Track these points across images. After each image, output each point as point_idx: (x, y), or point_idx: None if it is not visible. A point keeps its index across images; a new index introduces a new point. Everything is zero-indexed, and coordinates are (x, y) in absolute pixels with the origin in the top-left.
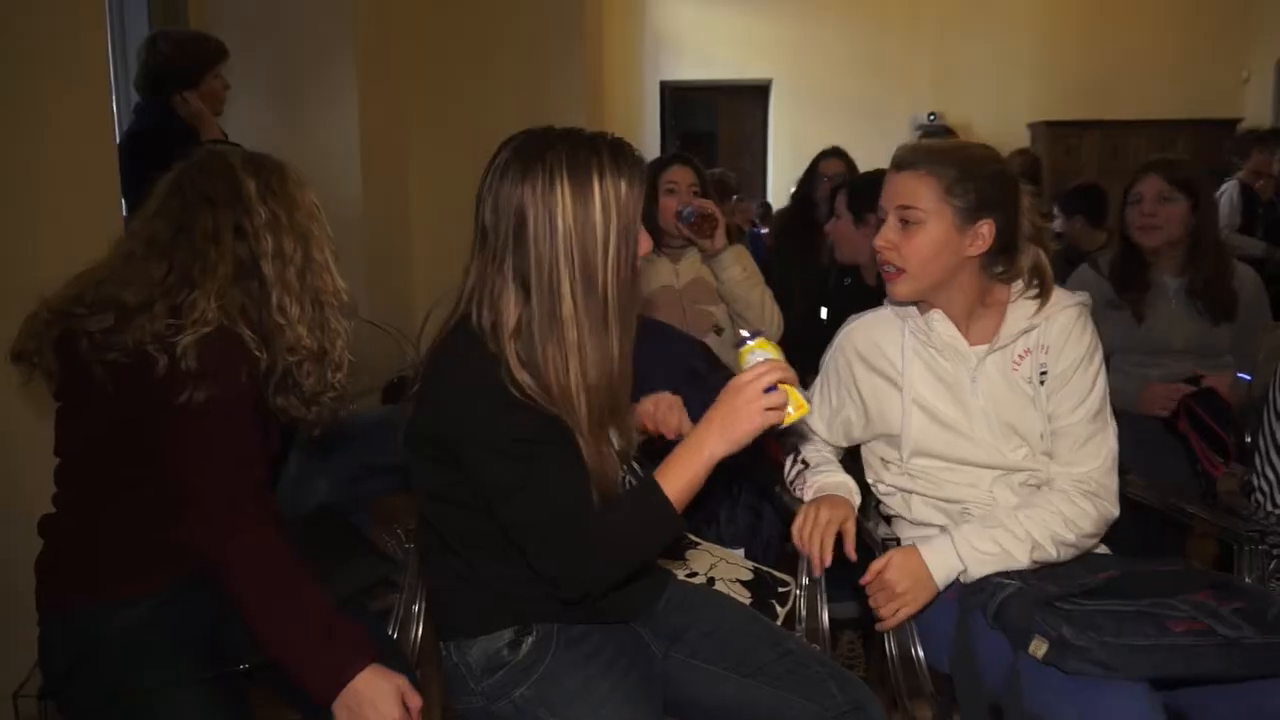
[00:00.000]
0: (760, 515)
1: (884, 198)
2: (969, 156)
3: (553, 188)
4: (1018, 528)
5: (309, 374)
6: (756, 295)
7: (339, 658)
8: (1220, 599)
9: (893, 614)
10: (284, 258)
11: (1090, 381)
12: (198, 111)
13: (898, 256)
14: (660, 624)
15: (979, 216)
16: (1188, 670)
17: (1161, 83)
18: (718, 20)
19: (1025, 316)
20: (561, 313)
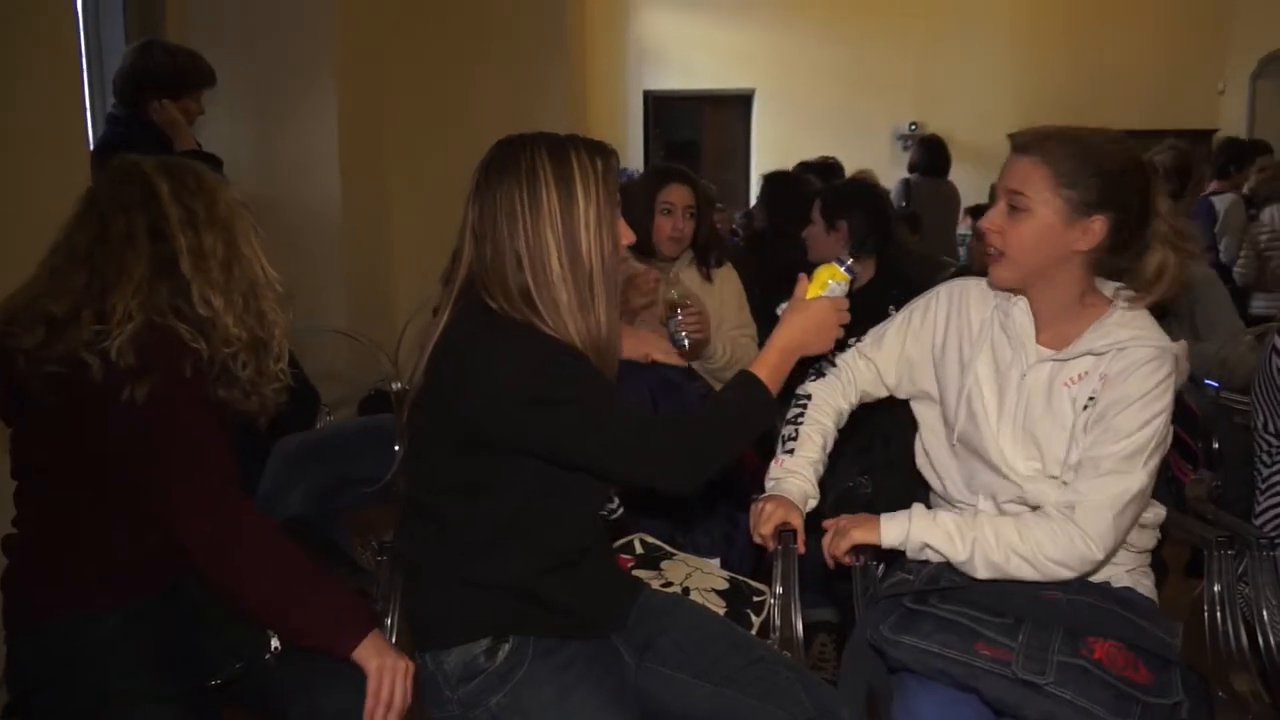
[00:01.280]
0: (736, 524)
1: (999, 179)
2: (1094, 148)
3: (535, 174)
4: (976, 521)
5: (245, 365)
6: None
7: (356, 609)
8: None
9: (832, 535)
10: (203, 253)
11: (1139, 424)
12: (174, 120)
13: (1000, 240)
14: (633, 634)
15: (1093, 211)
16: (986, 693)
17: (1139, 94)
18: (701, 31)
19: (1101, 339)
20: (556, 290)
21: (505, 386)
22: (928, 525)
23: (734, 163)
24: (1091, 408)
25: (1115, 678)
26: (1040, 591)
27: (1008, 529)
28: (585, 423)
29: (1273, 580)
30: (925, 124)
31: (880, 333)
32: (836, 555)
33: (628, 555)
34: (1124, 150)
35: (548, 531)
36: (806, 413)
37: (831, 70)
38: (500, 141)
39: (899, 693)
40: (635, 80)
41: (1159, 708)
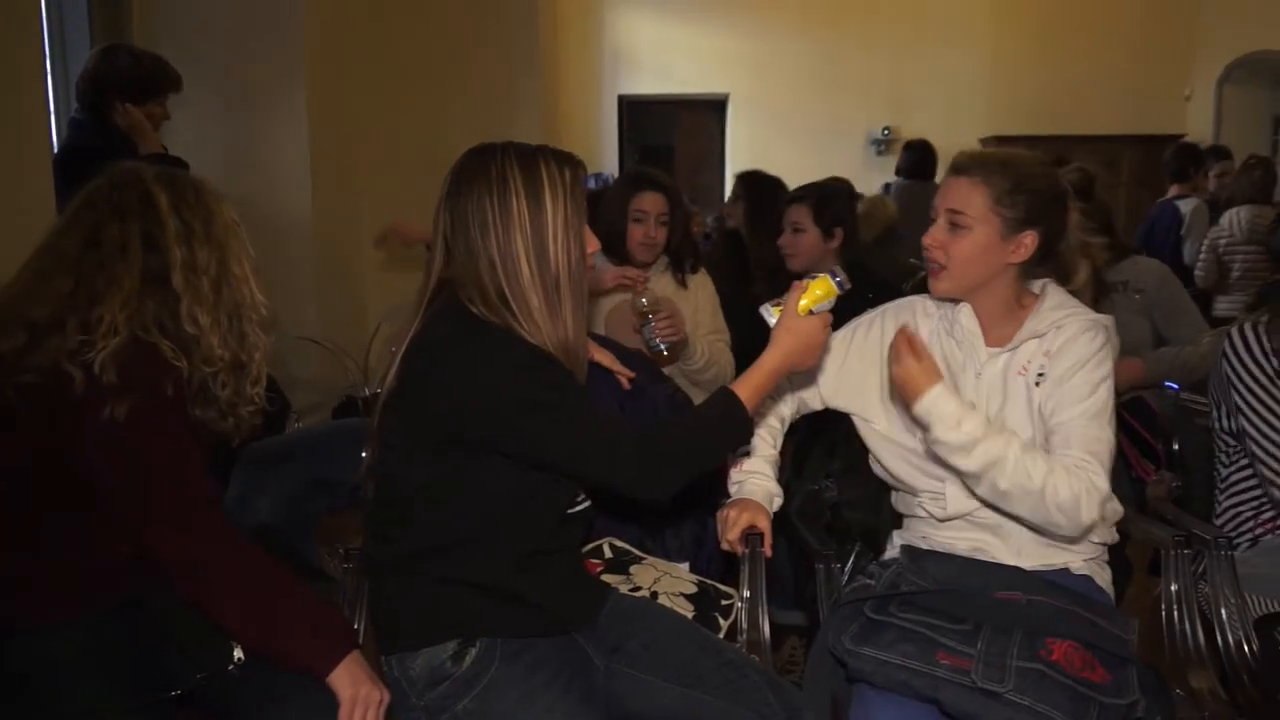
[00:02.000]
0: (706, 528)
1: (938, 198)
2: (1025, 171)
3: (505, 183)
4: (1004, 440)
5: (224, 385)
6: (711, 375)
7: (335, 632)
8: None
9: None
10: (196, 269)
11: (1092, 385)
12: (138, 124)
13: (943, 255)
14: (601, 636)
15: (1024, 228)
16: (947, 703)
17: (1108, 100)
18: (675, 35)
19: (1040, 322)
20: (526, 296)
21: (484, 389)
22: (954, 426)
23: (709, 167)
24: (1043, 383)
25: (1072, 679)
26: (999, 593)
27: (1031, 465)
28: (561, 428)
29: (1231, 579)
30: (899, 128)
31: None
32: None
33: (596, 560)
34: (1048, 173)
35: (519, 529)
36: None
37: (806, 75)
38: (471, 150)
39: (857, 702)
40: (610, 84)
41: (1115, 707)
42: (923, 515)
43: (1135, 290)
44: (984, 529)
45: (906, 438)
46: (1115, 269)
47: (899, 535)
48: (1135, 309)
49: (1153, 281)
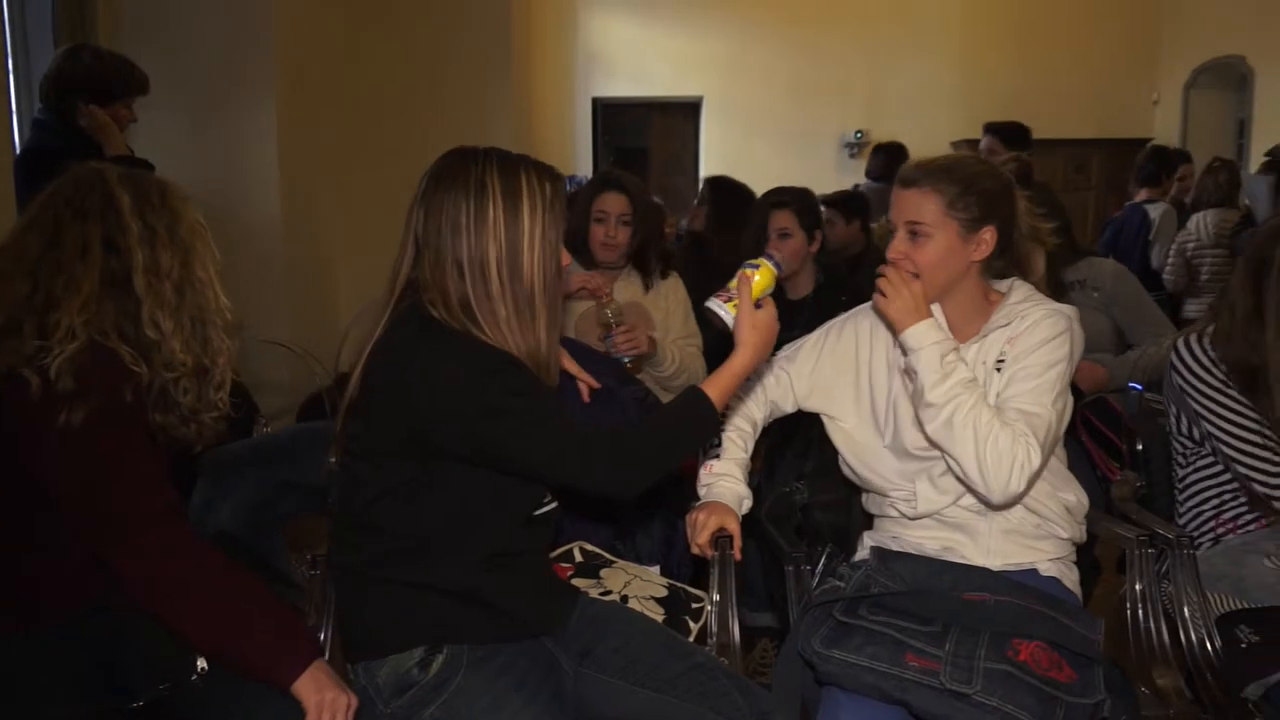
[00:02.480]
0: (676, 530)
1: (893, 213)
2: (970, 172)
3: (484, 191)
4: (970, 388)
5: (186, 391)
6: (681, 380)
7: (298, 640)
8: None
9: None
10: (159, 272)
11: (1045, 366)
12: (104, 125)
13: (910, 265)
14: (570, 641)
15: (981, 225)
16: (916, 704)
17: (1077, 104)
18: (649, 38)
19: (1007, 315)
20: (495, 303)
21: (449, 393)
22: (940, 355)
23: (682, 169)
24: (1003, 368)
25: (1039, 679)
26: (968, 594)
27: (984, 414)
28: (528, 430)
29: (1193, 578)
30: (871, 132)
31: (796, 346)
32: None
33: (567, 564)
34: (991, 170)
35: (486, 532)
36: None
37: (779, 78)
38: (452, 151)
39: (826, 705)
40: (584, 87)
41: (1081, 706)
42: (893, 515)
43: (1093, 288)
44: (954, 528)
45: (876, 438)
46: (1072, 269)
47: (869, 536)
48: (1093, 305)
49: (1108, 280)
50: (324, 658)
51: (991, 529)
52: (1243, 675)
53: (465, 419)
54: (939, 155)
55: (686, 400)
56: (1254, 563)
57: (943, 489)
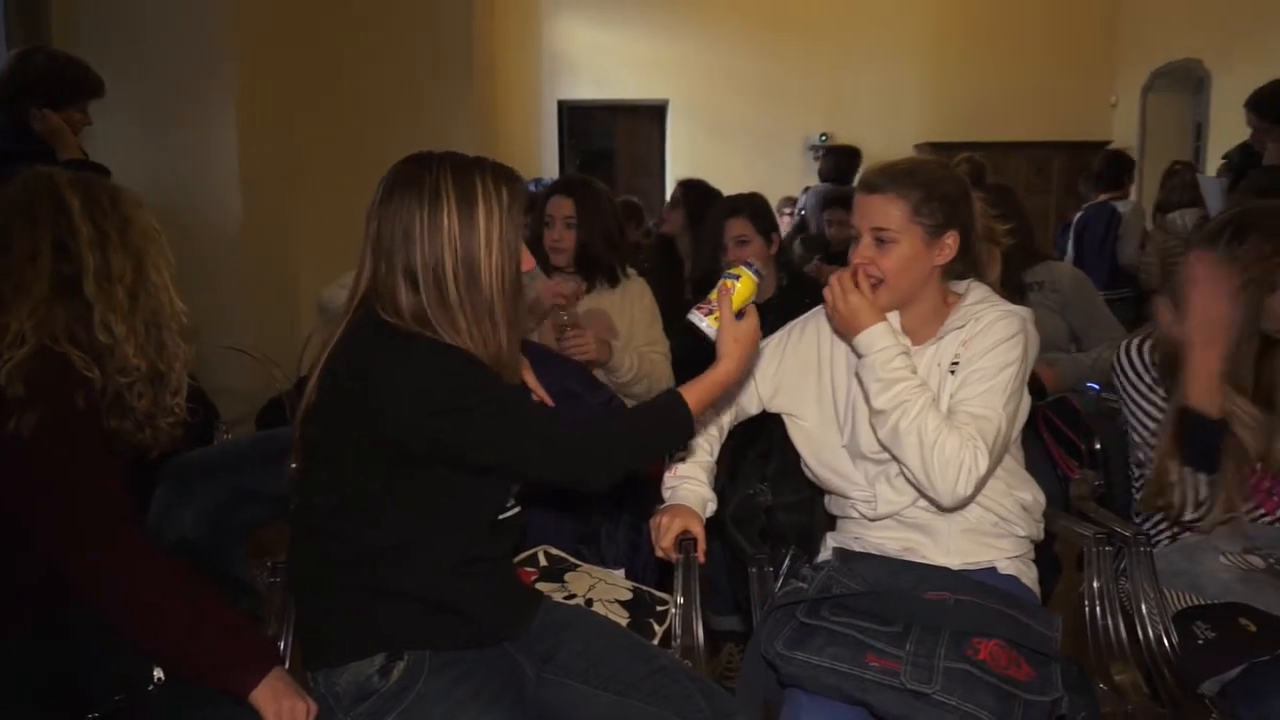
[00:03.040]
0: (641, 534)
1: (857, 218)
2: (932, 177)
3: (438, 198)
4: (918, 392)
5: (141, 395)
6: (643, 388)
7: (255, 647)
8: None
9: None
10: (110, 276)
11: (997, 368)
12: (57, 128)
13: (877, 270)
14: (533, 645)
15: (944, 230)
16: (876, 705)
17: (1037, 107)
18: (614, 41)
19: (962, 317)
20: (453, 309)
21: (411, 396)
22: (886, 361)
23: (649, 172)
24: (957, 370)
25: (998, 678)
26: (929, 594)
27: (931, 419)
28: (494, 424)
29: (1150, 575)
30: (835, 135)
31: (760, 347)
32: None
33: (531, 568)
34: (951, 175)
35: (451, 536)
36: None
37: (744, 82)
38: (407, 158)
39: (788, 706)
40: (549, 90)
41: (1040, 704)
42: (855, 516)
43: (1051, 290)
44: (914, 529)
45: (837, 437)
46: (1031, 271)
47: (832, 538)
48: (1051, 307)
49: (1066, 283)
50: (284, 666)
51: (951, 528)
52: (1199, 671)
53: (430, 420)
54: (901, 159)
55: (662, 403)
56: (1209, 560)
57: (900, 490)
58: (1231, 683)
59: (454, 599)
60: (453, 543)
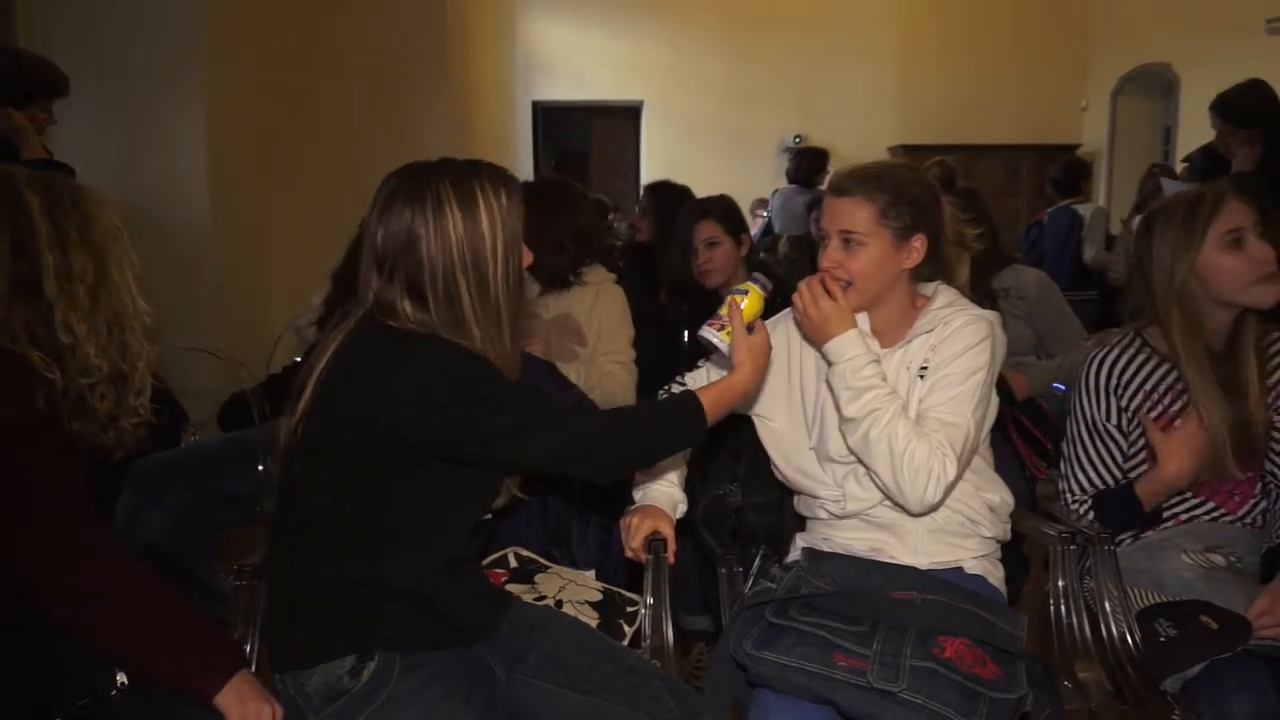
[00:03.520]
0: (612, 534)
1: (825, 221)
2: (900, 180)
3: (441, 206)
4: (889, 399)
5: (104, 397)
6: (596, 398)
7: (220, 650)
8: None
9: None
10: (71, 275)
11: (965, 374)
12: (21, 127)
13: (845, 273)
14: (502, 646)
15: (912, 234)
16: (843, 704)
17: (1009, 111)
18: (589, 42)
19: (931, 320)
20: (464, 315)
21: (425, 390)
22: (857, 369)
23: (624, 173)
24: (926, 375)
25: (964, 676)
26: (896, 593)
27: (901, 428)
28: (514, 415)
29: (1114, 574)
30: (809, 137)
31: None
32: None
33: (501, 570)
34: (920, 179)
35: (444, 536)
36: None
37: (719, 83)
38: (402, 169)
39: (756, 706)
40: (524, 90)
41: (1004, 702)
42: (823, 517)
43: (1018, 296)
44: (882, 529)
45: (806, 438)
46: (998, 277)
47: (801, 538)
48: (1018, 315)
49: (1033, 289)
50: (250, 669)
51: (918, 528)
52: (1161, 669)
53: (440, 416)
54: (870, 163)
55: (677, 402)
56: (1172, 558)
57: (868, 488)
58: (1193, 680)
59: (436, 598)
60: (444, 542)
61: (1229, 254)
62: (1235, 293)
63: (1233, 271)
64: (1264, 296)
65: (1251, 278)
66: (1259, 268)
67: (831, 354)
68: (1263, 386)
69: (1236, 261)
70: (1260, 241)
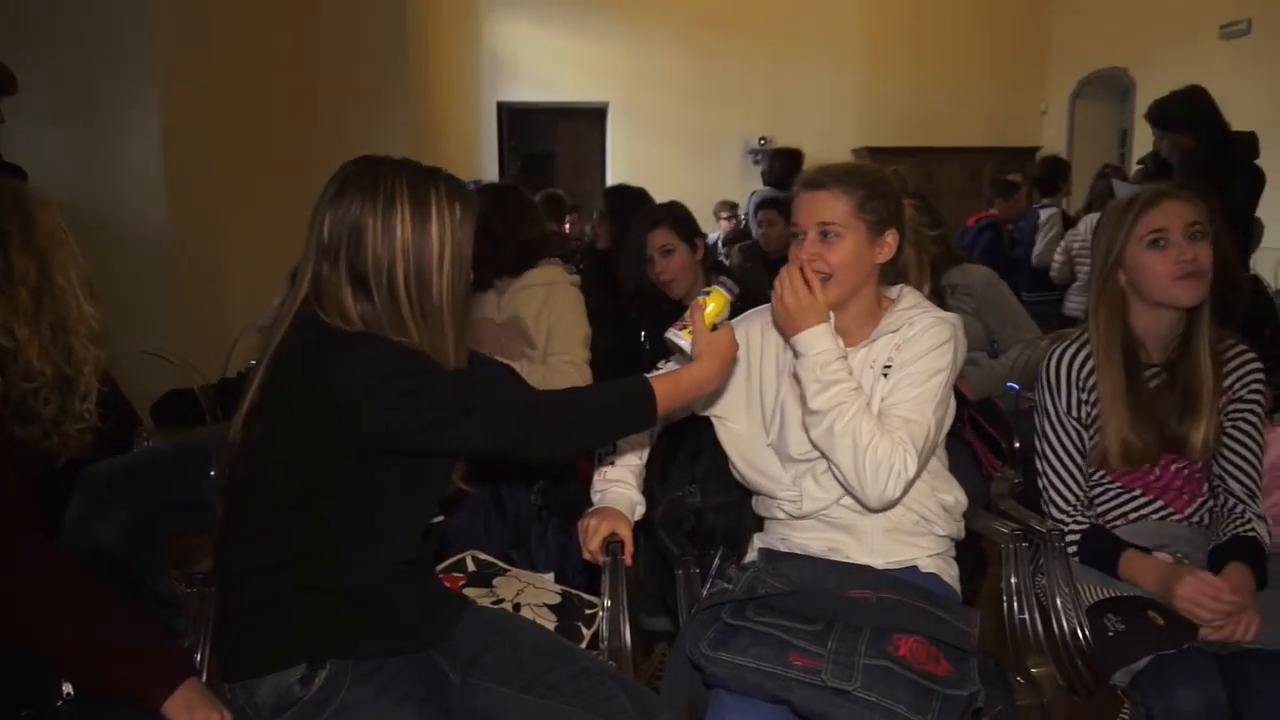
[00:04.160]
0: (571, 536)
1: (802, 216)
2: (873, 177)
3: (392, 204)
4: (854, 395)
5: (48, 401)
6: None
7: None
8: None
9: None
10: (12, 277)
11: (928, 374)
12: None
13: (824, 265)
14: (456, 651)
15: (885, 229)
16: (798, 703)
17: (970, 114)
18: (554, 43)
19: (896, 320)
20: (404, 316)
21: (364, 386)
22: (827, 357)
23: (590, 174)
24: (889, 374)
25: (917, 673)
26: (850, 592)
27: (865, 423)
28: (458, 399)
29: (1065, 571)
30: (774, 138)
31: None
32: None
33: (459, 573)
34: (887, 177)
35: (395, 538)
36: None
37: (684, 85)
38: (362, 159)
39: (712, 707)
40: (489, 91)
41: (957, 698)
42: (781, 517)
43: (965, 293)
44: (838, 529)
45: (764, 437)
46: (945, 275)
47: (759, 538)
48: (967, 310)
49: (980, 286)
50: (200, 678)
51: (874, 528)
52: (1110, 663)
53: (394, 403)
54: (836, 163)
55: (630, 386)
56: None
57: (826, 487)
58: (1141, 673)
59: (389, 603)
60: (395, 545)
61: (1150, 253)
62: (1158, 291)
63: (1151, 271)
64: (1180, 293)
65: (1170, 276)
66: (1179, 267)
67: (801, 345)
68: (1216, 389)
69: (1155, 260)
70: (1188, 242)
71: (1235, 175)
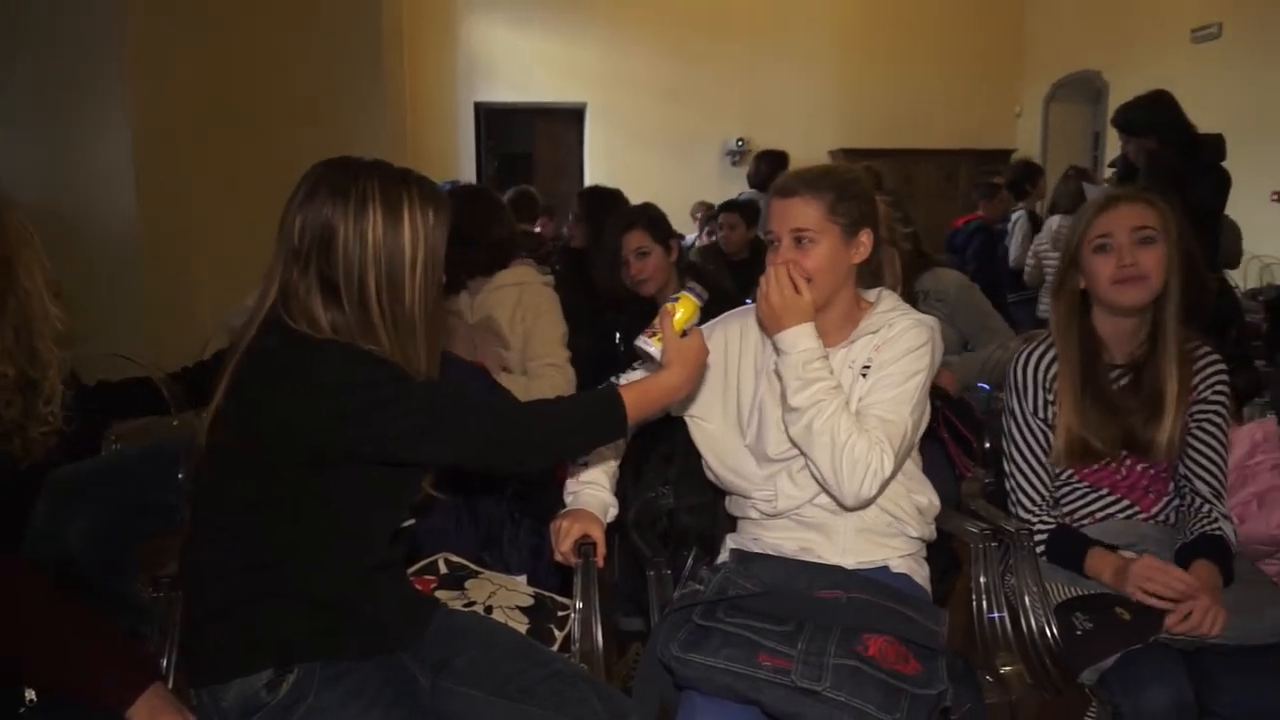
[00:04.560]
0: (544, 538)
1: (775, 223)
2: (843, 179)
3: (364, 208)
4: (834, 394)
5: (10, 404)
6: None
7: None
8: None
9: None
10: None
11: (905, 375)
12: None
13: (801, 270)
14: (426, 654)
15: (859, 229)
16: (768, 704)
17: (946, 116)
18: (532, 44)
19: (875, 322)
20: (374, 322)
21: (333, 395)
22: (808, 355)
23: (568, 175)
24: (868, 374)
25: (886, 673)
26: (821, 592)
27: (844, 421)
28: (428, 411)
29: (1033, 570)
30: (752, 140)
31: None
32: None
33: (430, 575)
34: (859, 176)
35: (364, 542)
36: None
37: (662, 86)
38: (333, 160)
39: (684, 708)
40: (466, 92)
41: (925, 697)
42: (754, 517)
43: (937, 299)
44: (811, 528)
45: (739, 438)
46: (918, 280)
47: (731, 539)
48: (940, 316)
49: (952, 290)
50: (166, 683)
51: (846, 528)
52: (1079, 661)
53: (359, 415)
54: (810, 167)
55: (598, 397)
56: None
57: (801, 485)
58: (1109, 671)
59: (358, 606)
60: (364, 548)
61: (1096, 257)
62: (1103, 293)
63: (1095, 274)
64: (1119, 297)
65: (1109, 280)
66: (1119, 271)
67: (784, 343)
68: (1182, 391)
69: (1100, 264)
70: (1134, 246)
71: (1201, 177)
